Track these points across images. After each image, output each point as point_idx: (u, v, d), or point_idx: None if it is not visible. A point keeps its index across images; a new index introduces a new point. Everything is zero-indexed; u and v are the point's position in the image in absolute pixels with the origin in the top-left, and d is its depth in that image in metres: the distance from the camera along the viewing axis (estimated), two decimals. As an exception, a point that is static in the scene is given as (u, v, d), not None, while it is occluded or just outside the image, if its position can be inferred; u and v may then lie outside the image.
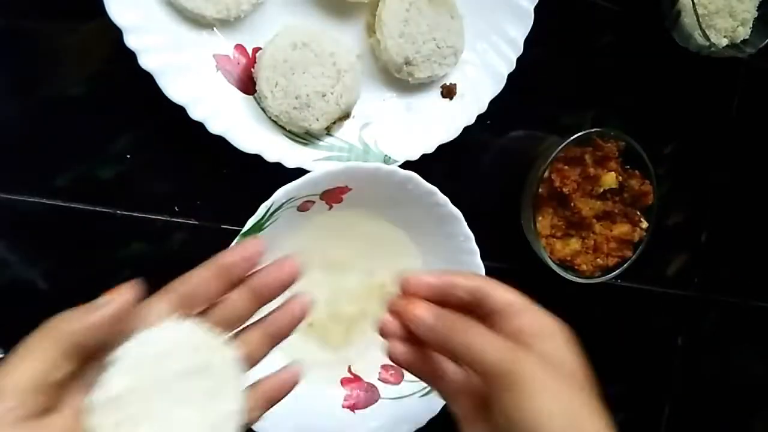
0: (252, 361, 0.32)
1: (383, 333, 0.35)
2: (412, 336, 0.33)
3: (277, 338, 0.33)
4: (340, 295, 0.51)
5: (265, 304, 0.32)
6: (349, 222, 0.50)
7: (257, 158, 0.46)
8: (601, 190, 0.58)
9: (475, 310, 0.33)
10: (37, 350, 0.26)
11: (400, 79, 0.51)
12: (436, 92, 0.53)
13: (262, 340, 0.32)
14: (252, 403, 0.30)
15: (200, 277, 0.30)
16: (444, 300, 0.34)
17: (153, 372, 0.27)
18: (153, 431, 0.27)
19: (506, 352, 0.30)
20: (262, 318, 0.33)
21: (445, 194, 0.48)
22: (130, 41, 0.41)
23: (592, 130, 0.56)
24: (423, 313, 0.33)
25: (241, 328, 0.32)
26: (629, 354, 0.67)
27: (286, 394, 0.33)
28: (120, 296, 0.27)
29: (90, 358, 0.27)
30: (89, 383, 0.27)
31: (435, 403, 0.52)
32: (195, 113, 0.43)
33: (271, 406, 0.33)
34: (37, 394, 0.25)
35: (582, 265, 0.57)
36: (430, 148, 0.51)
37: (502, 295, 0.33)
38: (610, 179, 0.58)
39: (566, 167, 0.57)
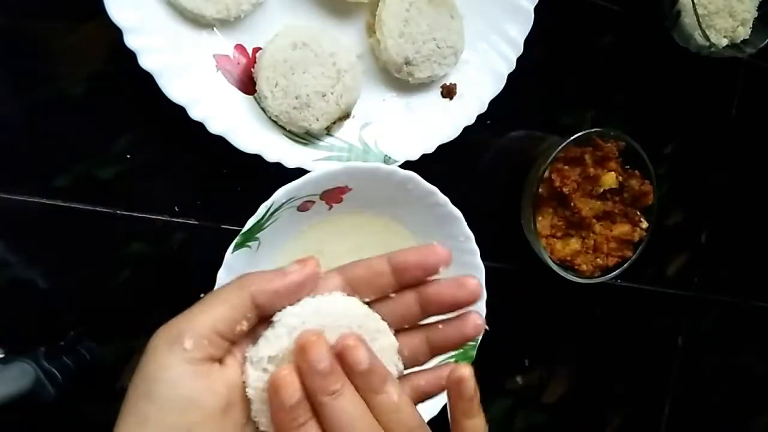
0: (409, 361, 0.31)
1: None
2: None
3: (438, 350, 0.31)
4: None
5: (431, 316, 0.31)
6: (349, 222, 0.50)
7: (257, 158, 0.46)
8: (601, 190, 0.58)
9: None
10: (228, 300, 0.27)
11: (400, 79, 0.51)
12: (436, 92, 0.53)
13: (422, 347, 0.31)
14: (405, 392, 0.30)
15: (379, 268, 0.30)
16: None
17: None
18: None
19: None
20: (428, 324, 0.31)
21: (445, 194, 0.47)
22: (130, 41, 0.41)
23: (592, 130, 0.56)
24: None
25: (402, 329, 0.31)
26: (629, 354, 0.67)
27: (440, 392, 0.31)
28: (307, 266, 0.28)
29: (263, 319, 0.28)
30: (254, 340, 0.28)
31: (435, 403, 0.52)
32: (195, 113, 0.43)
33: (423, 401, 0.31)
34: (217, 341, 0.26)
35: (582, 265, 0.57)
36: (430, 148, 0.51)
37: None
38: (610, 179, 0.58)
39: (566, 167, 0.57)
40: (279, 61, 0.45)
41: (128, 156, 0.47)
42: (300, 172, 0.45)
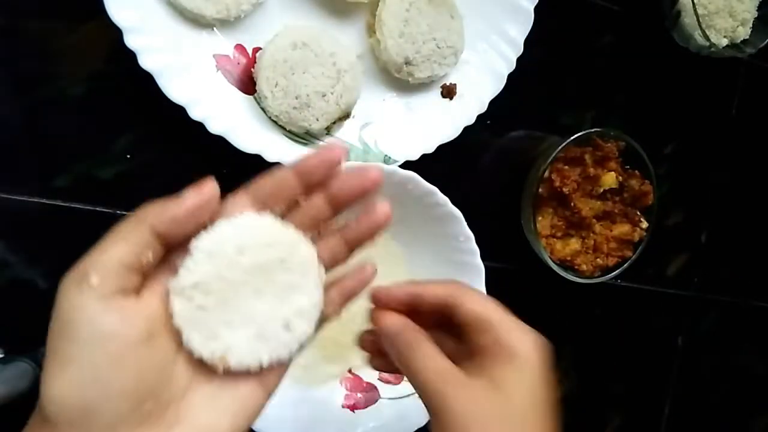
0: (329, 263, 0.31)
1: (361, 345, 0.36)
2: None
3: (354, 244, 0.32)
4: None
5: (342, 210, 0.31)
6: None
7: (257, 158, 0.46)
8: (601, 190, 0.58)
9: (449, 321, 0.32)
10: (126, 234, 0.27)
11: (400, 79, 0.51)
12: (436, 92, 0.53)
13: (340, 247, 0.32)
14: (330, 298, 0.31)
15: (281, 177, 0.30)
16: (418, 311, 0.33)
17: (232, 261, 0.28)
18: (232, 317, 0.28)
19: (440, 383, 0.29)
20: (342, 227, 0.32)
21: (445, 194, 0.47)
22: (130, 41, 0.41)
23: (592, 130, 0.56)
24: (387, 325, 0.33)
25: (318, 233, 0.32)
26: (629, 354, 0.67)
27: (363, 289, 0.33)
28: (204, 190, 0.28)
29: (175, 247, 0.28)
30: (174, 271, 0.28)
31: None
32: (195, 113, 0.43)
33: (348, 302, 0.32)
34: (124, 274, 0.26)
35: (582, 265, 0.58)
36: (430, 148, 0.51)
37: (470, 308, 0.32)
38: (610, 179, 0.58)
39: (566, 167, 0.57)
40: (279, 61, 0.45)
41: (128, 156, 0.47)
42: (300, 172, 0.45)
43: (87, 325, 0.25)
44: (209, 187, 0.28)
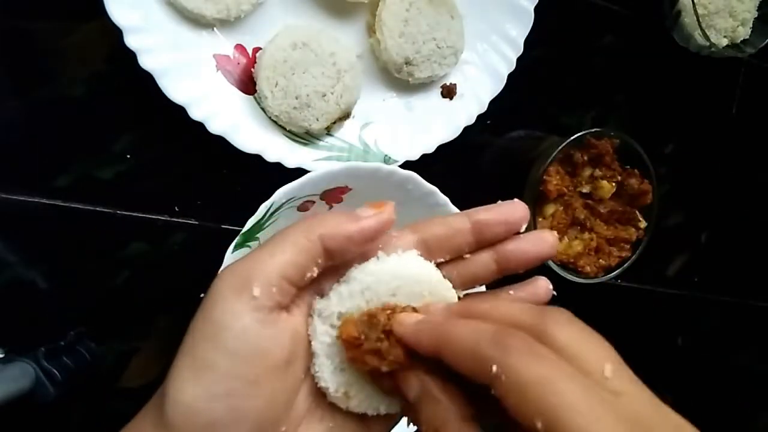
0: None
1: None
2: None
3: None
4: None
5: (508, 273, 0.29)
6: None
7: (257, 158, 0.46)
8: (601, 192, 0.58)
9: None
10: (295, 243, 0.25)
11: (400, 79, 0.51)
12: (436, 92, 0.53)
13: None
14: None
15: (458, 226, 0.28)
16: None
17: (383, 302, 0.27)
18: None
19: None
20: (498, 289, 0.29)
21: (445, 194, 0.47)
22: (130, 41, 0.41)
23: (592, 130, 0.56)
24: (407, 386, 0.27)
25: (472, 291, 0.30)
26: (629, 354, 0.67)
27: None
28: (384, 212, 0.26)
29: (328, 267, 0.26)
30: (320, 292, 0.27)
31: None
32: (195, 113, 0.43)
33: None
34: (285, 288, 0.25)
35: (586, 267, 0.57)
36: (430, 148, 0.51)
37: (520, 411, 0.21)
38: (607, 188, 0.58)
39: (566, 167, 0.57)
40: (279, 61, 0.45)
41: (128, 156, 0.47)
42: (300, 172, 0.45)
43: (239, 337, 0.24)
44: (389, 210, 0.27)
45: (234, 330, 0.24)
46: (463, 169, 0.57)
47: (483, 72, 0.53)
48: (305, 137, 0.48)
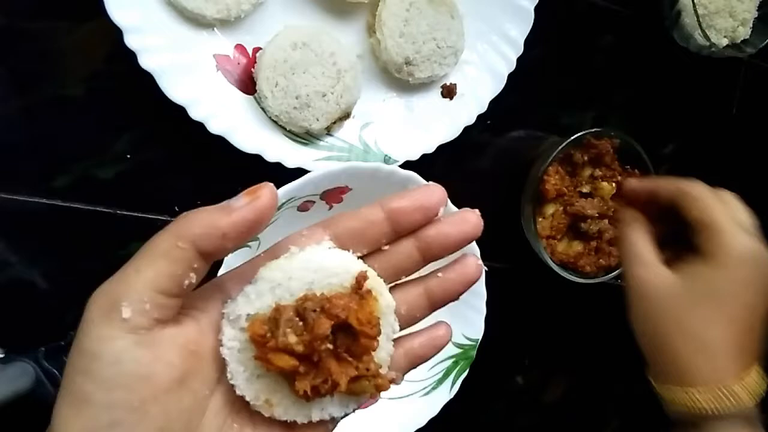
0: (405, 320, 0.27)
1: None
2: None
3: (438, 301, 0.28)
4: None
5: (433, 260, 0.27)
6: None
7: (257, 158, 0.46)
8: (601, 192, 0.58)
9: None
10: (165, 251, 0.23)
11: (400, 79, 0.51)
12: (436, 92, 0.53)
13: (420, 301, 0.27)
14: (395, 359, 0.27)
15: (371, 217, 0.26)
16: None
17: (294, 294, 0.24)
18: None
19: (635, 266, 0.41)
20: (426, 275, 0.28)
21: (445, 194, 0.47)
22: (130, 41, 0.41)
23: (592, 130, 0.56)
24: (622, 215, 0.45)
25: (399, 281, 0.28)
26: (629, 354, 0.67)
27: (435, 354, 0.28)
28: (259, 198, 0.23)
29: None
30: (226, 294, 0.25)
31: (435, 403, 0.52)
32: (195, 113, 0.43)
33: (415, 367, 0.28)
34: (161, 302, 0.23)
35: (586, 266, 0.57)
36: (430, 148, 0.51)
37: (696, 216, 0.40)
38: (608, 189, 0.58)
39: (566, 167, 0.57)
40: (279, 61, 0.45)
41: (128, 156, 0.47)
42: (300, 172, 0.45)
43: (113, 364, 0.22)
44: (267, 195, 0.24)
45: (107, 357, 0.22)
46: (463, 169, 0.57)
47: (483, 72, 0.53)
48: (305, 137, 0.48)
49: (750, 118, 0.70)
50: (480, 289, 0.51)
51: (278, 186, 0.42)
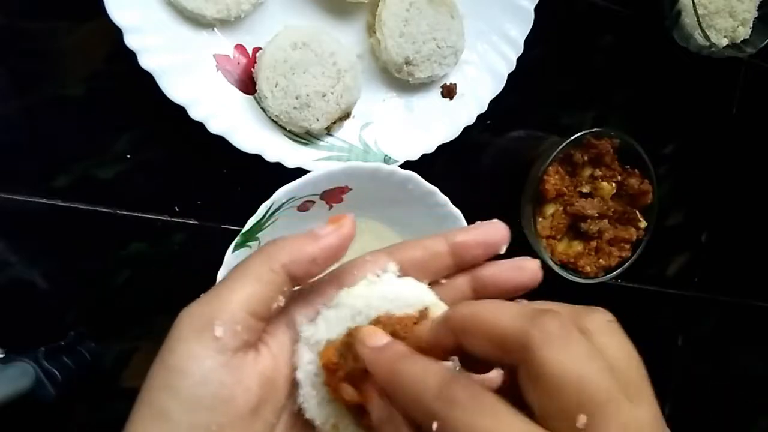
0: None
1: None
2: None
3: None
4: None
5: (486, 297, 0.27)
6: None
7: (257, 158, 0.46)
8: (601, 192, 0.58)
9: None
10: (257, 275, 0.23)
11: (400, 79, 0.51)
12: (436, 92, 0.53)
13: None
14: None
15: (436, 248, 0.26)
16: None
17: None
18: None
19: None
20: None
21: (445, 194, 0.47)
22: (130, 41, 0.41)
23: (592, 130, 0.56)
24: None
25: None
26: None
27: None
28: (344, 227, 0.25)
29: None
30: (289, 323, 0.25)
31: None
32: (195, 113, 0.43)
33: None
34: (251, 325, 0.23)
35: (586, 267, 0.57)
36: (430, 148, 0.51)
37: (554, 365, 0.19)
38: (608, 189, 0.58)
39: (566, 167, 0.57)
40: (279, 61, 0.45)
41: (128, 156, 0.47)
42: (300, 172, 0.45)
43: (199, 384, 0.22)
44: (349, 224, 0.25)
45: (194, 376, 0.22)
46: (463, 169, 0.57)
47: (483, 72, 0.53)
48: (305, 137, 0.48)
49: (750, 118, 0.70)
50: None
51: (278, 186, 0.42)
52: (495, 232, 0.27)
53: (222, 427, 0.22)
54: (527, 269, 0.26)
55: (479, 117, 0.53)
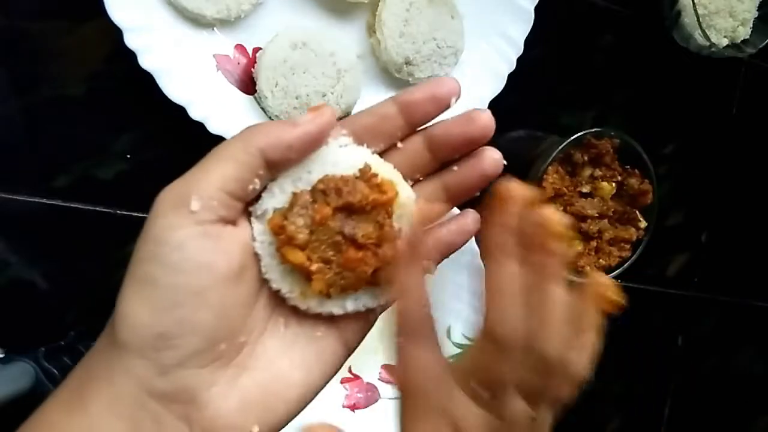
0: (424, 218, 0.27)
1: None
2: None
3: (456, 197, 0.28)
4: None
5: (442, 161, 0.28)
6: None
7: (257, 158, 0.46)
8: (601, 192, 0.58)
9: None
10: (234, 155, 0.25)
11: (400, 79, 0.51)
12: (436, 92, 0.53)
13: (440, 194, 0.28)
14: (427, 251, 0.27)
15: (384, 112, 0.27)
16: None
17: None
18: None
19: None
20: (442, 171, 0.28)
21: (445, 194, 0.47)
22: (130, 41, 0.41)
23: (592, 130, 0.56)
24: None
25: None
26: (629, 354, 0.67)
27: (465, 241, 0.28)
28: (323, 115, 0.25)
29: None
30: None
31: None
32: (195, 113, 0.43)
33: (447, 257, 0.28)
34: (227, 202, 0.24)
35: (586, 267, 0.57)
36: (430, 148, 0.51)
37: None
38: (608, 189, 0.58)
39: (566, 167, 0.57)
40: (279, 61, 0.45)
41: (128, 156, 0.47)
42: (300, 172, 0.45)
43: (179, 250, 0.23)
44: (328, 113, 0.25)
45: (172, 243, 0.23)
46: (463, 169, 0.57)
47: (483, 72, 0.53)
48: (305, 137, 0.48)
49: (750, 118, 0.70)
50: (480, 289, 0.51)
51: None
52: (443, 84, 0.27)
53: (205, 288, 0.24)
54: (478, 119, 0.27)
55: (479, 117, 0.53)
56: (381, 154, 0.27)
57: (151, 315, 0.23)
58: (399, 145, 0.27)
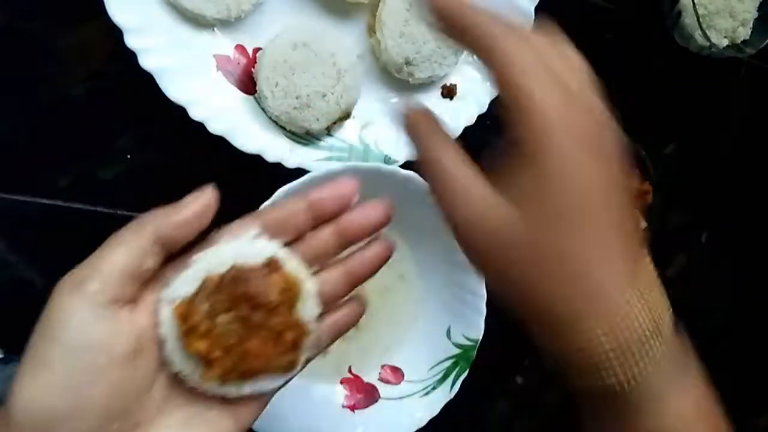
0: (328, 299, 0.30)
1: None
2: None
3: (357, 278, 0.31)
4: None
5: (350, 245, 0.31)
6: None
7: (257, 158, 0.46)
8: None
9: None
10: (128, 239, 0.27)
11: (400, 79, 0.51)
12: (437, 92, 0.53)
13: (343, 279, 0.31)
14: (321, 335, 0.30)
15: (291, 208, 0.30)
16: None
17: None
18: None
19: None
20: (344, 258, 0.32)
21: (445, 194, 0.47)
22: (130, 41, 0.41)
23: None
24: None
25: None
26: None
27: (353, 325, 0.32)
28: (203, 195, 0.28)
29: (168, 261, 0.28)
30: (166, 285, 0.28)
31: (435, 403, 0.52)
32: (195, 113, 0.43)
33: (336, 339, 0.32)
34: (123, 282, 0.26)
35: None
36: (430, 148, 0.51)
37: (503, 84, 0.27)
38: None
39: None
40: (279, 62, 0.45)
41: (128, 156, 0.47)
42: (300, 172, 0.45)
43: (75, 331, 0.25)
44: (209, 194, 0.28)
45: (69, 325, 0.25)
46: (463, 169, 0.57)
47: (483, 72, 0.53)
48: (305, 137, 0.48)
49: (750, 119, 0.70)
50: (480, 290, 0.51)
51: (278, 186, 0.42)
52: (344, 186, 0.30)
53: (100, 369, 0.25)
54: (378, 208, 0.31)
55: (479, 117, 0.53)
56: (291, 243, 0.30)
57: (46, 397, 0.24)
58: (307, 235, 0.30)
